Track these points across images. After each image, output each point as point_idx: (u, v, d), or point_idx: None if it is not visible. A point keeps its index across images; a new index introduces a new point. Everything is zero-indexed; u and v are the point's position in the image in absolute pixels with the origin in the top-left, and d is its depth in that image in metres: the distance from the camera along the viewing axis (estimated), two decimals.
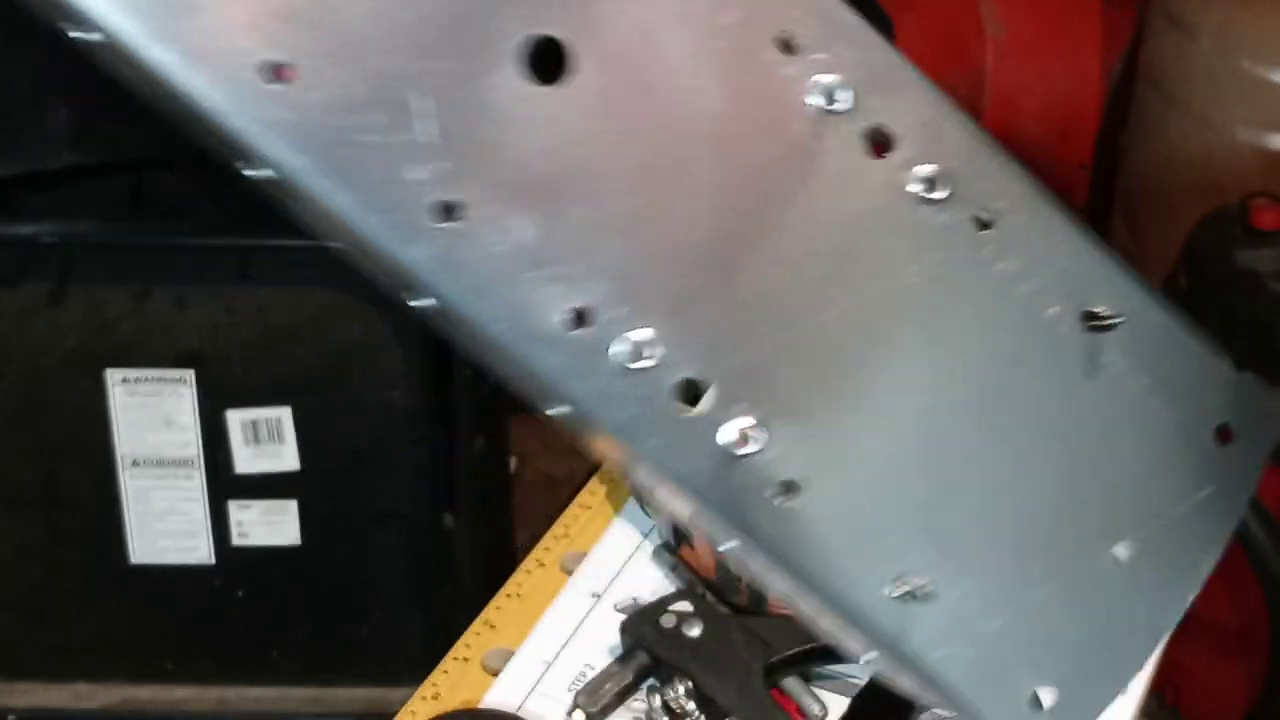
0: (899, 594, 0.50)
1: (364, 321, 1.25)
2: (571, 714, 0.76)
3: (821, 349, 0.48)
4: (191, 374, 1.26)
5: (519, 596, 0.85)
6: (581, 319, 0.45)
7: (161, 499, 1.30)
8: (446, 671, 0.81)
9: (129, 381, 1.27)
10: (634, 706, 0.76)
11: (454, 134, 0.43)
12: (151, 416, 1.27)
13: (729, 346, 0.47)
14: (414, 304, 0.45)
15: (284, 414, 1.27)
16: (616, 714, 0.76)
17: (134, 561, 1.32)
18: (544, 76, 0.45)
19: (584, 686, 0.76)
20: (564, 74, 0.45)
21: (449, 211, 0.44)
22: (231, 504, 1.30)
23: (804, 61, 0.48)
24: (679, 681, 0.74)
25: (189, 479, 1.29)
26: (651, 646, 0.76)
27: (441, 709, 0.78)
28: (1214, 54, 1.35)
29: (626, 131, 0.46)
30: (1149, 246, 1.45)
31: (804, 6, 0.48)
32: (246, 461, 1.29)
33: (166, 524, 1.31)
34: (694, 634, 0.76)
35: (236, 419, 1.28)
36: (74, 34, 0.40)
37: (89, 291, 1.25)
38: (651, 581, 0.85)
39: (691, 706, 0.74)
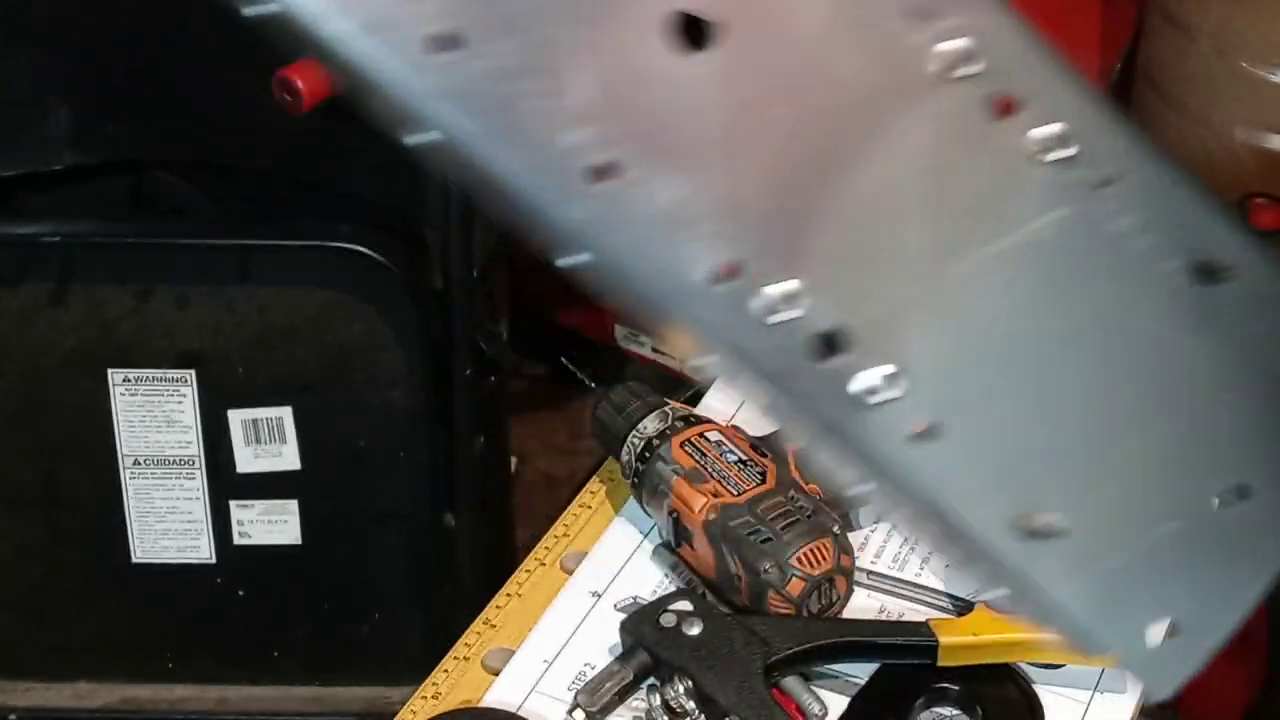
0: (1027, 532, 0.52)
1: (364, 321, 1.25)
2: (572, 713, 0.76)
3: (954, 300, 0.51)
4: (192, 374, 1.26)
5: (519, 596, 0.85)
6: (729, 273, 0.47)
7: (162, 498, 1.30)
8: (447, 671, 0.81)
9: (130, 381, 1.27)
10: (634, 706, 0.77)
11: (608, 99, 0.45)
12: (152, 416, 1.27)
13: (869, 298, 0.49)
14: (565, 261, 0.46)
15: (285, 414, 1.27)
16: (616, 713, 0.76)
17: (135, 561, 1.32)
18: (691, 43, 0.47)
19: (584, 686, 0.76)
20: (709, 41, 0.46)
21: (603, 174, 0.45)
22: (232, 503, 1.30)
23: (932, 28, 0.50)
24: (679, 681, 0.75)
25: (190, 478, 1.29)
26: (651, 646, 0.76)
27: (442, 708, 0.78)
28: (1212, 54, 1.35)
29: (769, 95, 0.48)
30: None
31: None
32: (247, 461, 1.29)
33: (167, 523, 1.31)
34: (694, 633, 0.76)
35: (237, 419, 1.28)
36: (249, 10, 0.41)
37: (90, 291, 1.25)
38: (651, 581, 0.85)
39: (691, 706, 0.74)
